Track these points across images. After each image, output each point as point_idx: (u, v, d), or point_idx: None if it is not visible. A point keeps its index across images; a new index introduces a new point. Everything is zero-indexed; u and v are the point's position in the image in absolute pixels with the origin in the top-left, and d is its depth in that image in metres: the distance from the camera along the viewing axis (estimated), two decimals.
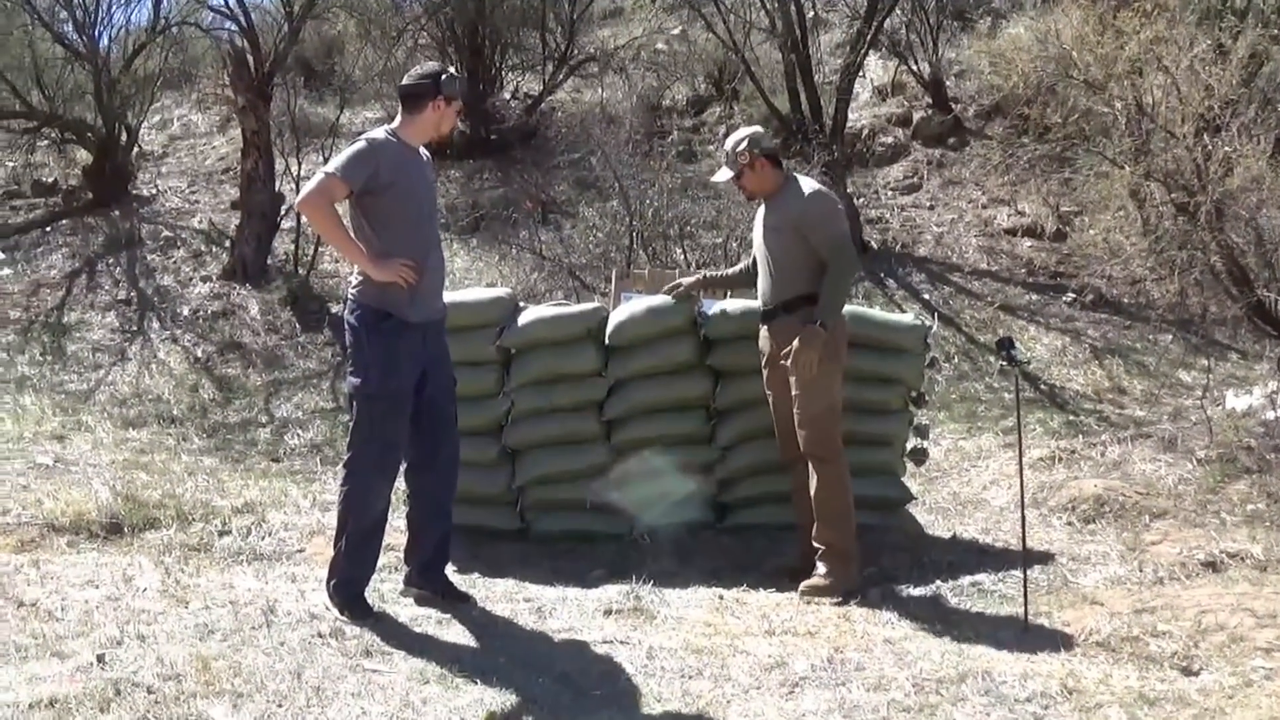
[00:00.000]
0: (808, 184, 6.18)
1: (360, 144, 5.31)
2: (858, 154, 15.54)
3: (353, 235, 5.33)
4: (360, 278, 5.38)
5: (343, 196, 5.27)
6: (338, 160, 5.27)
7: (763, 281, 6.26)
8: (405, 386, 5.34)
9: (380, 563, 5.60)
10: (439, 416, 5.54)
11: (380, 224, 5.31)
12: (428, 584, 5.69)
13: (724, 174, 6.35)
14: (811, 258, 6.01)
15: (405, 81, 5.53)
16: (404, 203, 5.33)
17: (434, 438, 5.55)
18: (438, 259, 5.52)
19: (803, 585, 5.89)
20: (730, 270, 6.98)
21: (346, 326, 5.43)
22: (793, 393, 6.02)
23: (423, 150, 5.56)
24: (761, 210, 6.33)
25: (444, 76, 5.44)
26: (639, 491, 6.85)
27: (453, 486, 5.69)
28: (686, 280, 6.89)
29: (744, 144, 6.19)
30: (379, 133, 5.43)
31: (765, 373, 6.32)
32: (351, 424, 5.49)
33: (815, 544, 6.00)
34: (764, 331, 6.30)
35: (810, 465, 6.03)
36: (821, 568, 5.93)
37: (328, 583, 5.44)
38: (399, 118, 5.50)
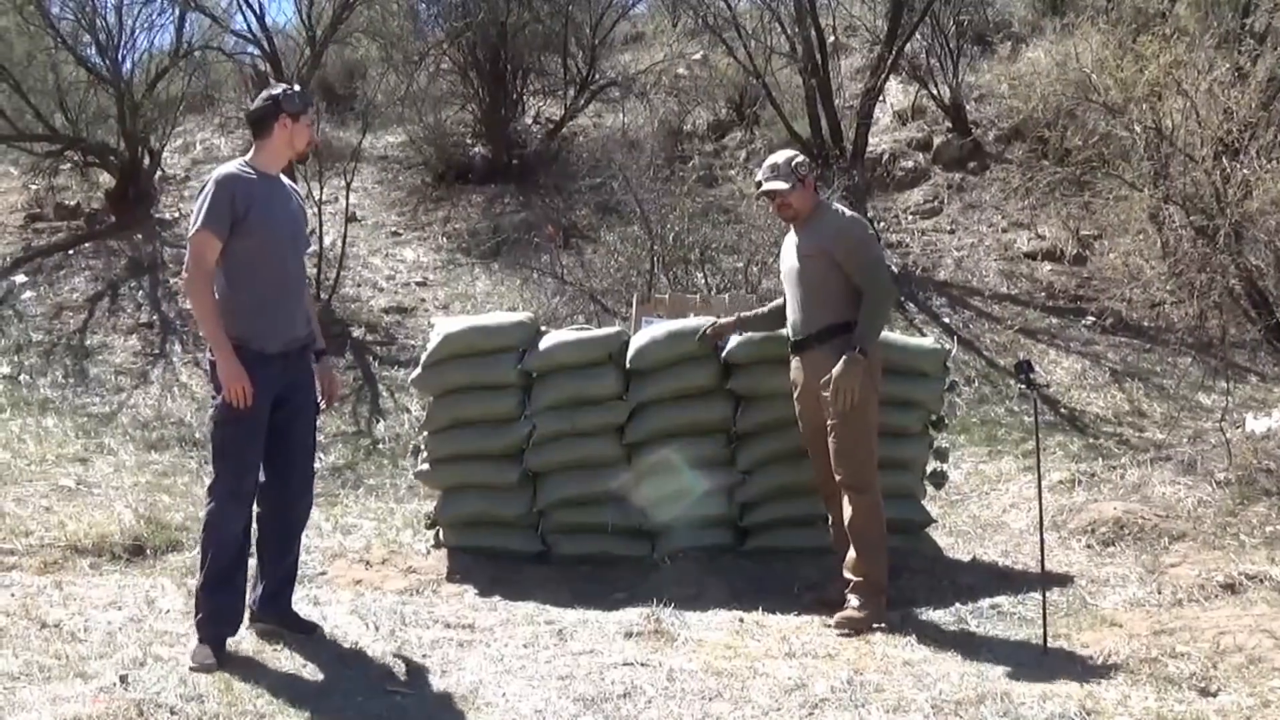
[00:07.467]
0: (841, 210, 6.17)
1: (209, 187, 5.06)
2: (878, 178, 15.53)
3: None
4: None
5: (219, 249, 5.00)
6: (197, 216, 5.02)
7: (793, 312, 6.19)
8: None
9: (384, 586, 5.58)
10: (287, 443, 5.28)
11: (230, 258, 5.06)
12: (271, 616, 5.42)
13: (779, 184, 6.12)
14: (844, 286, 5.95)
15: (250, 107, 5.35)
16: (259, 235, 5.09)
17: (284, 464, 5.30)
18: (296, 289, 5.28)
19: (837, 617, 5.82)
20: (763, 310, 6.77)
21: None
22: (829, 421, 5.96)
23: (284, 177, 5.38)
24: (791, 238, 6.25)
25: (284, 94, 5.22)
26: (661, 512, 6.90)
27: (299, 517, 5.42)
28: (723, 321, 6.78)
29: (800, 159, 6.17)
30: (229, 166, 5.20)
31: (798, 405, 6.27)
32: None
33: (847, 574, 5.94)
34: (795, 362, 6.23)
35: (845, 495, 5.96)
36: (854, 600, 5.87)
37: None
38: (252, 148, 5.29)
